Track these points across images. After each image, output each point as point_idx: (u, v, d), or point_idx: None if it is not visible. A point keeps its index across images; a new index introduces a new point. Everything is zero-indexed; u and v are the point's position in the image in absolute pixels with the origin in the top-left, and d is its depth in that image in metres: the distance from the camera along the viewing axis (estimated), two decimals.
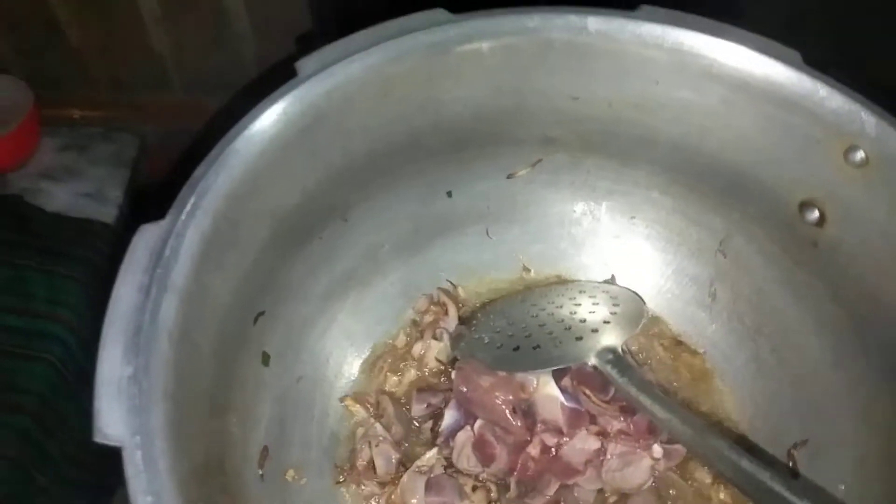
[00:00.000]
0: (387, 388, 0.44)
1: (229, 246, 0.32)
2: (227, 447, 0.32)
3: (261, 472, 0.36)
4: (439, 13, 0.37)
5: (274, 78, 0.34)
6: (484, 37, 0.38)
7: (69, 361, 0.68)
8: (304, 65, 0.34)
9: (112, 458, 0.70)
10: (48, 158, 0.79)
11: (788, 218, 0.41)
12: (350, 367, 0.45)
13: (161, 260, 0.27)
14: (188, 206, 0.29)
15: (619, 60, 0.39)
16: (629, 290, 0.46)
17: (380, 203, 0.44)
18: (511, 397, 0.39)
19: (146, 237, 0.28)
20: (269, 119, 0.33)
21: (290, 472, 0.38)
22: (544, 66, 0.40)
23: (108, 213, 0.75)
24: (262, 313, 0.38)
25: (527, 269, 0.49)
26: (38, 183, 0.77)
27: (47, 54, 0.78)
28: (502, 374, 0.40)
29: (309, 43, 0.36)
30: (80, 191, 0.76)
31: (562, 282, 0.48)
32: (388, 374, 0.44)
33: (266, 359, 0.38)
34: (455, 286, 0.48)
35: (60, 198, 0.76)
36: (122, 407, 0.24)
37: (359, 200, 0.43)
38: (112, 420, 0.23)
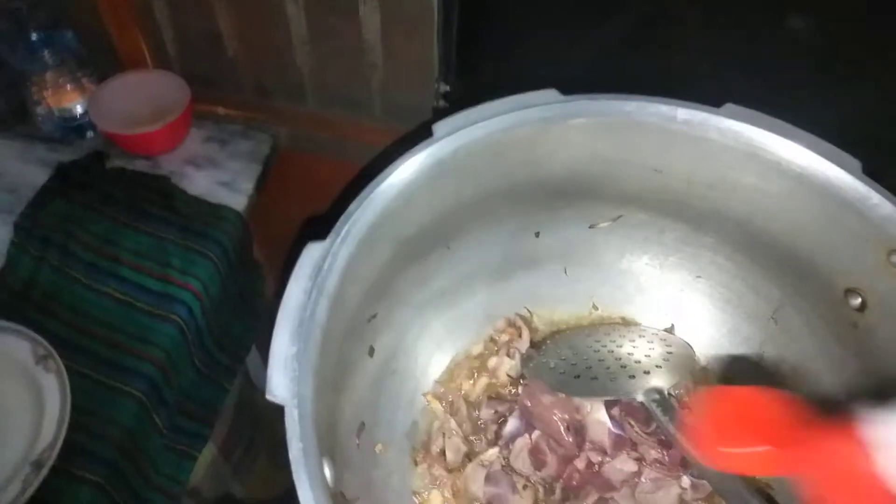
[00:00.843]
0: (462, 392, 0.52)
1: (364, 263, 0.41)
2: (339, 418, 0.41)
3: (358, 442, 0.45)
4: (552, 93, 0.45)
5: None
6: (586, 115, 0.45)
7: (192, 324, 0.79)
8: (439, 127, 0.43)
9: (208, 411, 0.81)
10: (194, 147, 0.91)
11: (835, 299, 0.46)
12: (434, 368, 0.53)
13: (321, 272, 0.37)
14: (342, 233, 0.38)
15: (700, 147, 0.46)
16: (684, 341, 0.52)
17: (478, 236, 0.52)
18: (567, 416, 0.46)
19: (311, 253, 0.37)
20: (408, 170, 0.42)
21: (379, 446, 0.47)
22: (634, 142, 0.47)
23: (239, 201, 0.86)
24: (374, 315, 0.47)
25: (595, 308, 0.56)
26: (183, 168, 0.89)
27: (206, 59, 0.90)
28: (562, 395, 0.47)
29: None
30: (217, 179, 0.88)
31: (625, 323, 0.55)
32: (465, 379, 0.52)
33: (371, 351, 0.47)
34: (531, 313, 0.56)
35: (200, 183, 0.87)
36: (287, 377, 0.33)
37: (461, 233, 0.51)
38: (279, 385, 0.33)
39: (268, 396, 0.32)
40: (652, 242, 0.54)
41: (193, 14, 0.86)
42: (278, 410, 0.32)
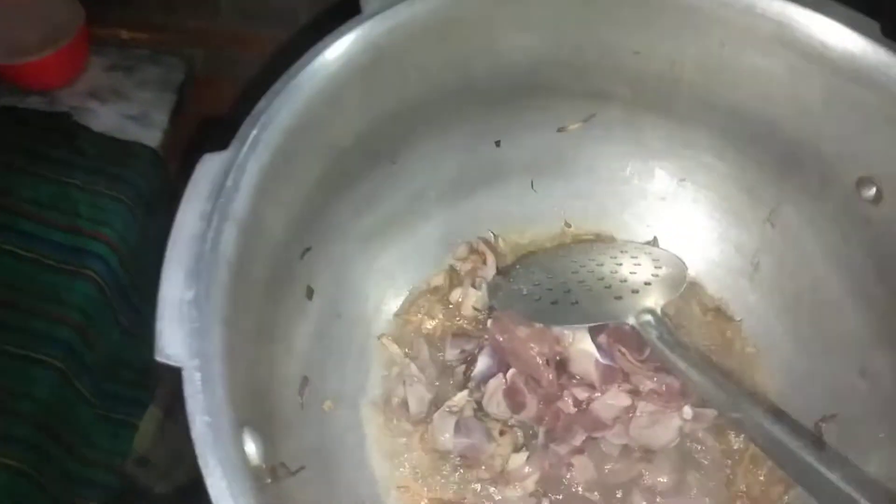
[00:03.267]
0: (423, 331, 0.45)
1: (285, 180, 0.32)
2: (273, 375, 0.33)
3: (301, 401, 0.37)
4: None
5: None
6: None
7: (109, 279, 0.70)
8: (369, 2, 0.34)
9: (144, 374, 0.73)
10: (96, 78, 0.79)
11: (844, 192, 0.40)
12: (388, 307, 0.46)
13: (223, 190, 0.28)
14: (250, 139, 0.30)
15: (688, 17, 0.38)
16: (672, 253, 0.45)
17: (428, 148, 0.44)
18: (546, 349, 0.39)
19: (209, 167, 0.29)
20: (332, 55, 0.33)
21: (328, 403, 0.40)
22: (610, 18, 0.39)
23: (153, 136, 0.76)
24: (308, 249, 0.39)
25: (568, 225, 0.49)
26: (85, 102, 0.78)
27: None
28: (539, 326, 0.40)
29: None
30: (126, 112, 0.77)
31: (603, 240, 0.48)
32: (425, 317, 0.45)
33: (310, 293, 0.39)
34: (496, 237, 0.49)
35: (107, 118, 0.76)
36: (183, 330, 0.25)
37: (407, 144, 0.43)
38: (173, 341, 0.24)
39: (157, 357, 0.24)
40: (630, 144, 0.47)
41: None
42: None
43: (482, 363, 0.41)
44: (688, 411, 0.39)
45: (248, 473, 0.23)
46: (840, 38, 0.36)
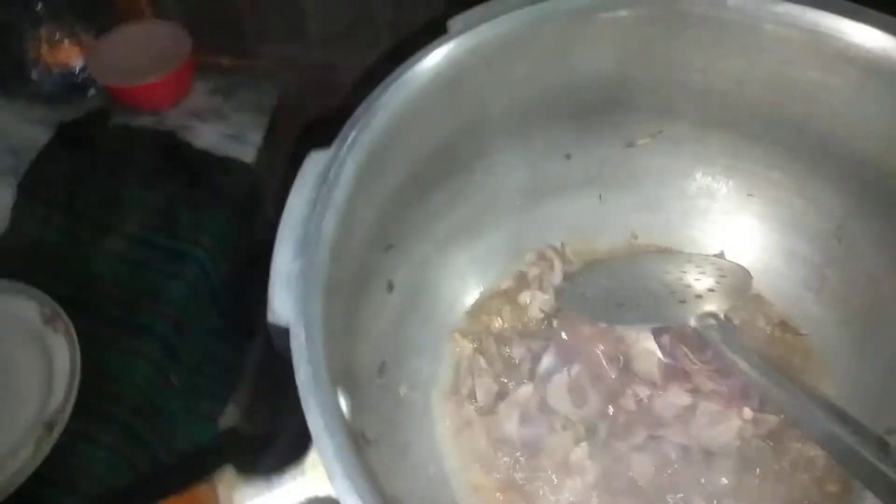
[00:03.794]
0: (492, 329, 0.48)
1: (376, 179, 0.36)
2: (356, 353, 0.37)
3: (379, 382, 0.41)
4: None
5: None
6: (622, 5, 0.40)
7: (204, 282, 0.76)
8: (454, 23, 0.38)
9: (227, 372, 0.78)
10: (198, 100, 0.87)
11: None
12: (461, 306, 0.49)
13: (326, 181, 0.32)
14: (349, 140, 0.34)
15: (754, 38, 0.40)
16: (737, 264, 0.47)
17: (502, 159, 0.47)
18: (610, 348, 0.41)
19: (315, 161, 0.33)
20: (421, 70, 0.37)
21: (403, 388, 0.43)
22: (678, 38, 0.41)
23: (247, 153, 0.82)
24: (391, 246, 0.42)
25: (634, 237, 0.51)
26: (189, 121, 0.85)
27: (207, 7, 0.86)
28: (603, 325, 0.42)
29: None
30: (224, 132, 0.84)
31: (672, 251, 0.49)
32: (494, 316, 0.48)
33: (391, 286, 0.43)
34: (563, 245, 0.51)
35: (207, 136, 0.84)
36: (291, 296, 0.28)
37: (483, 155, 0.46)
38: (282, 304, 0.28)
39: (269, 318, 0.28)
40: (697, 159, 0.48)
41: None
42: None
43: (547, 361, 0.44)
44: (748, 412, 0.40)
45: (343, 422, 0.26)
46: None
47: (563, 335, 0.43)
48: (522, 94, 0.43)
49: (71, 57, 0.87)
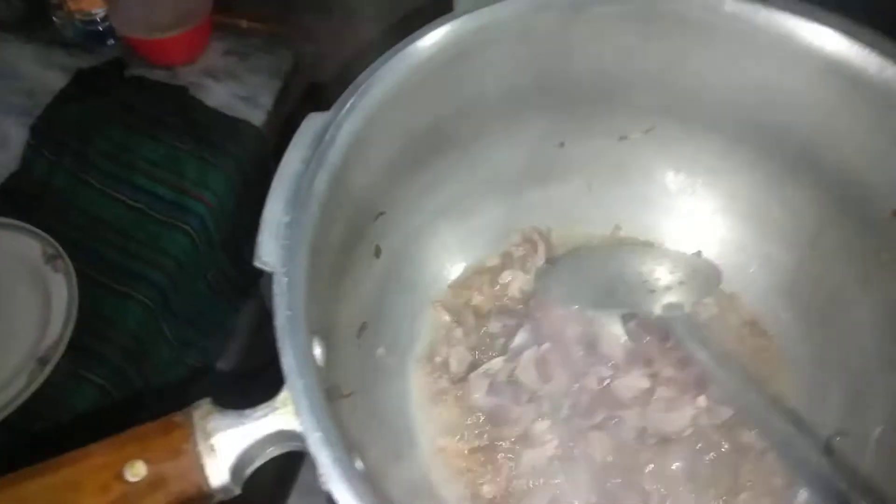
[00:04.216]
0: (471, 304, 0.50)
1: (371, 146, 0.38)
2: (338, 311, 0.39)
3: (358, 341, 0.43)
4: None
5: None
6: (620, 2, 0.41)
7: (203, 236, 0.78)
8: (461, 2, 0.40)
9: (219, 328, 0.80)
10: (214, 59, 0.89)
11: (884, 220, 0.42)
12: (444, 278, 0.51)
13: (322, 142, 0.34)
14: (348, 105, 0.35)
15: (746, 44, 0.42)
16: (710, 262, 0.49)
17: (498, 141, 0.49)
18: (578, 329, 0.43)
19: (313, 122, 0.35)
20: (424, 44, 0.39)
21: (381, 350, 0.45)
22: (673, 38, 0.43)
23: (257, 116, 0.84)
24: (382, 213, 0.44)
25: (619, 228, 0.53)
26: (202, 79, 0.87)
27: None
28: (575, 308, 0.44)
29: None
30: (236, 93, 0.86)
31: (652, 244, 0.51)
32: (475, 292, 0.50)
33: (378, 252, 0.45)
34: (549, 229, 0.53)
35: (220, 96, 0.85)
36: (278, 244, 0.30)
37: (480, 135, 0.48)
38: (269, 251, 0.30)
39: (255, 262, 0.30)
40: (685, 158, 0.50)
41: None
42: None
43: (521, 337, 0.46)
44: (702, 401, 0.42)
45: (314, 368, 0.29)
46: (889, 72, 0.39)
47: (537, 313, 0.44)
48: (521, 79, 0.45)
49: (94, 5, 0.88)
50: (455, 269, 0.51)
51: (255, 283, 0.96)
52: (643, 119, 0.49)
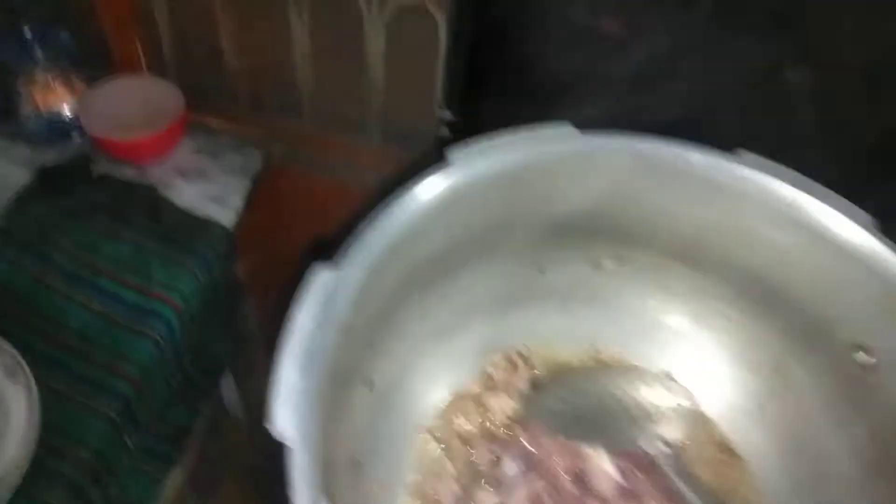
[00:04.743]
0: (459, 431, 0.50)
1: (371, 292, 0.39)
2: (336, 454, 0.39)
3: (354, 482, 0.43)
4: (567, 128, 0.44)
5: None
6: (603, 153, 0.45)
7: (169, 342, 0.77)
8: (453, 154, 0.42)
9: (179, 432, 0.78)
10: (184, 158, 0.89)
11: (843, 354, 0.45)
12: (431, 405, 0.51)
13: (330, 298, 0.35)
14: (352, 257, 0.37)
15: (714, 192, 0.45)
16: (687, 389, 0.51)
17: (483, 269, 0.51)
18: (569, 463, 0.45)
19: (320, 276, 0.36)
20: (423, 194, 0.41)
21: (375, 487, 0.45)
22: (647, 184, 0.46)
23: (227, 216, 0.84)
24: (371, 344, 0.45)
25: (595, 349, 0.55)
26: (172, 178, 0.87)
27: (204, 69, 0.89)
28: (563, 440, 0.45)
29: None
30: (206, 193, 0.86)
31: (627, 367, 0.54)
32: (461, 418, 0.51)
33: (371, 385, 0.45)
34: (529, 350, 0.55)
35: (189, 195, 0.85)
36: (296, 414, 0.31)
37: (466, 266, 0.50)
38: (287, 424, 0.31)
39: (273, 433, 0.30)
40: (657, 286, 0.53)
41: (194, 21, 0.85)
42: (248, 437, 0.30)
43: (509, 467, 0.46)
44: None
45: None
46: (843, 228, 0.43)
47: (527, 445, 0.46)
48: (507, 216, 0.47)
49: (61, 101, 0.88)
50: (441, 396, 0.52)
51: (214, 383, 0.94)
52: (617, 250, 0.52)
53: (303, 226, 1.01)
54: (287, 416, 0.31)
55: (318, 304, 0.34)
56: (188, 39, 0.86)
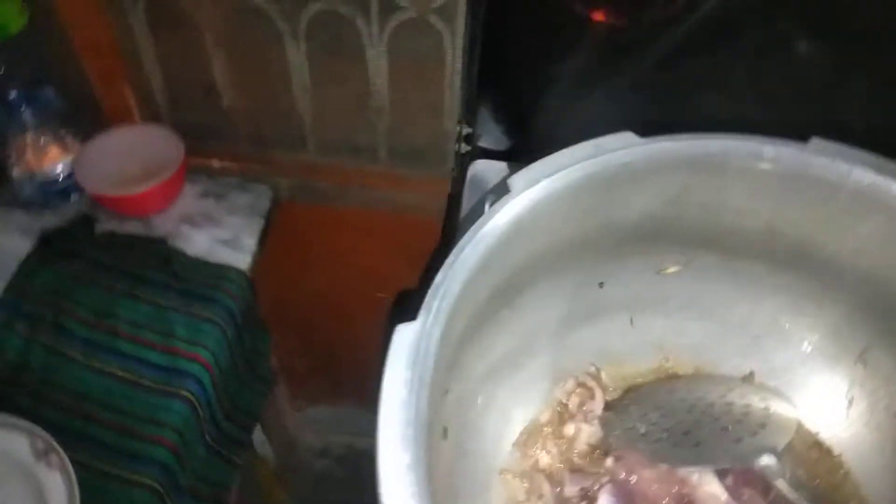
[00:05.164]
0: (539, 466, 0.47)
1: (448, 340, 0.36)
2: None
3: None
4: (628, 136, 0.42)
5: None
6: (669, 157, 0.42)
7: (203, 399, 0.73)
8: (515, 181, 0.39)
9: (219, 490, 0.74)
10: (189, 204, 0.85)
11: None
12: (505, 443, 0.48)
13: (417, 358, 0.32)
14: (433, 310, 0.34)
15: (787, 184, 0.43)
16: (774, 391, 0.48)
17: (541, 293, 0.48)
18: (673, 490, 0.42)
19: (404, 336, 0.33)
20: (490, 231, 0.38)
21: None
22: (716, 184, 0.44)
23: (242, 259, 0.80)
24: (446, 392, 0.42)
25: (666, 360, 0.52)
26: (179, 227, 0.83)
27: (199, 111, 0.85)
28: (663, 466, 0.42)
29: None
30: (217, 237, 0.82)
31: (705, 376, 0.51)
32: (541, 451, 0.48)
33: (445, 433, 0.42)
34: (598, 370, 0.52)
35: (200, 243, 0.81)
36: (407, 492, 0.28)
37: (524, 292, 0.47)
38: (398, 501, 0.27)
39: None
40: (725, 286, 0.50)
41: (185, 63, 0.81)
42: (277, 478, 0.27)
43: (605, 501, 0.43)
44: None
45: None
46: None
47: (623, 475, 0.43)
48: (567, 235, 0.45)
49: (54, 162, 0.84)
50: (514, 432, 0.49)
51: (249, 432, 0.91)
52: (682, 253, 0.49)
53: (319, 257, 0.98)
54: (400, 496, 0.28)
55: (406, 366, 0.31)
56: (180, 80, 0.82)
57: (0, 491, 0.61)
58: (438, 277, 0.35)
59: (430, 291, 0.34)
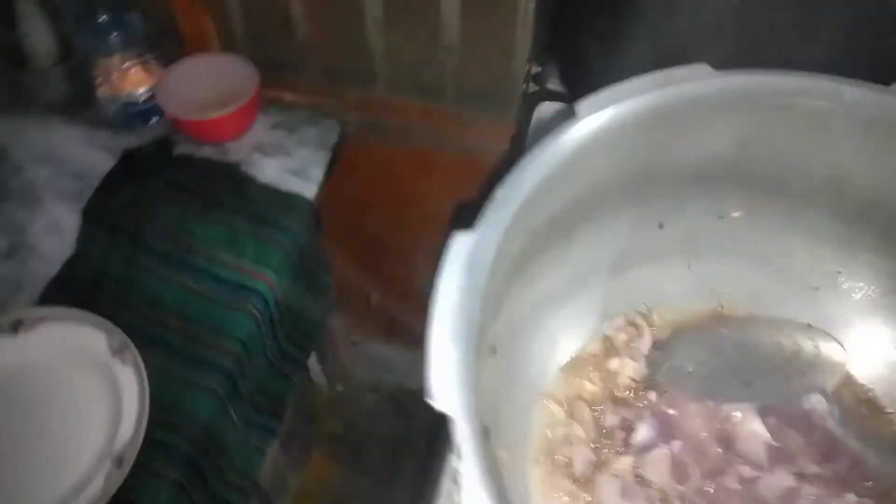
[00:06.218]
0: (583, 395, 0.48)
1: (503, 255, 0.37)
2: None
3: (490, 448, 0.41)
4: (703, 68, 0.41)
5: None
6: (741, 93, 0.41)
7: (266, 316, 0.77)
8: (582, 107, 0.39)
9: (277, 404, 0.79)
10: (261, 134, 0.88)
11: None
12: (551, 370, 0.49)
13: (472, 266, 0.33)
14: (491, 222, 0.35)
15: (864, 129, 0.42)
16: (828, 334, 0.47)
17: (599, 227, 0.48)
18: (716, 426, 0.42)
19: (460, 244, 0.34)
20: (552, 151, 0.38)
21: (503, 453, 0.44)
22: (788, 124, 0.42)
23: (309, 189, 0.83)
24: (497, 311, 0.43)
25: (721, 307, 0.52)
26: (251, 155, 0.86)
27: (275, 43, 0.87)
28: (709, 403, 0.43)
29: None
30: (287, 167, 0.85)
31: (758, 320, 0.50)
32: (585, 381, 0.49)
33: (493, 351, 0.44)
34: (650, 310, 0.52)
35: (270, 171, 0.85)
36: (455, 387, 0.29)
37: (582, 224, 0.47)
38: (447, 396, 0.29)
39: (433, 403, 0.29)
40: (788, 234, 0.49)
41: None
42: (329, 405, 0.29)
43: (644, 432, 0.44)
44: (852, 498, 0.40)
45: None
46: None
47: (669, 410, 0.43)
48: (631, 169, 0.44)
49: (138, 85, 0.88)
50: (560, 360, 0.50)
51: (307, 354, 0.95)
52: (745, 198, 0.48)
53: (382, 193, 1.00)
54: (446, 389, 0.29)
55: (461, 272, 0.33)
56: (258, 11, 0.84)
57: (80, 380, 0.66)
58: (498, 192, 0.36)
59: (488, 204, 0.35)
